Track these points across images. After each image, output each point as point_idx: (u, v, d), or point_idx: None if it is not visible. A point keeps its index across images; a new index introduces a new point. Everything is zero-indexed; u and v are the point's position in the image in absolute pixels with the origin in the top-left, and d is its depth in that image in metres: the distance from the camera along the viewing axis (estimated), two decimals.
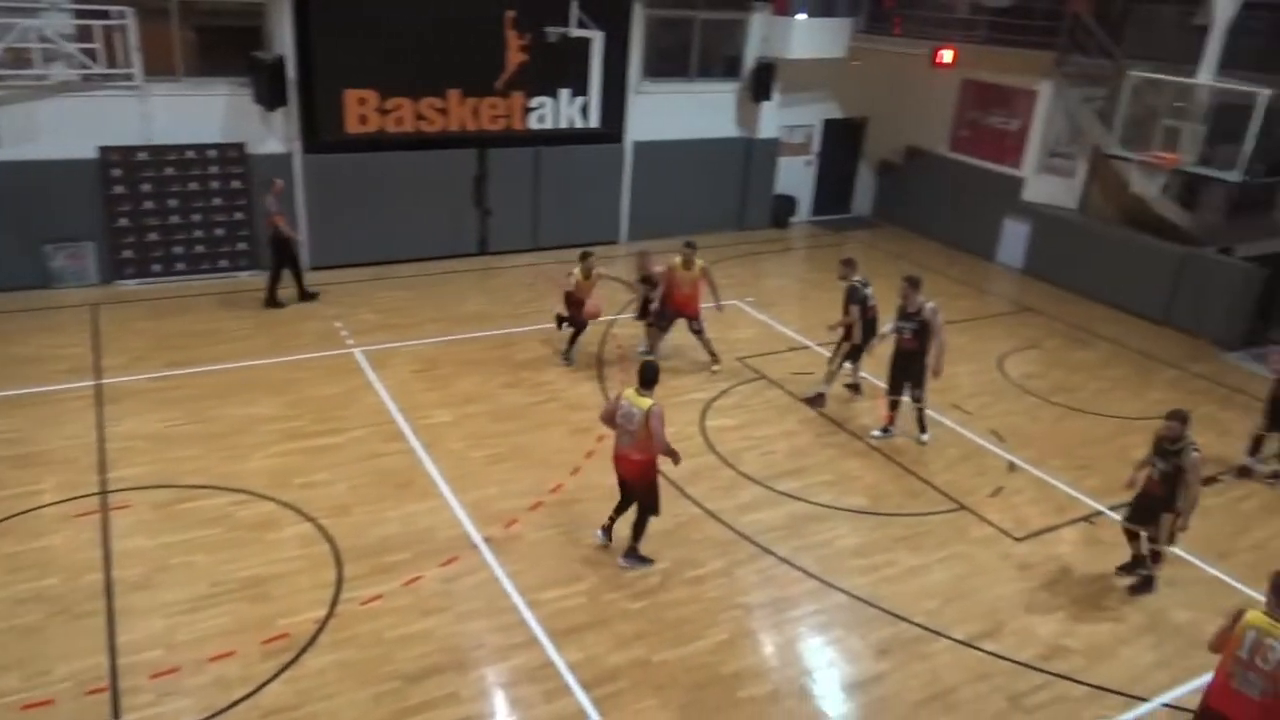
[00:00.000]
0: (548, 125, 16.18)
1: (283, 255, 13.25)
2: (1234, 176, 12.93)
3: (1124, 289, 15.36)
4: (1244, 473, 10.42)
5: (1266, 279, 13.87)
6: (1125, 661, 7.44)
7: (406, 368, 11.79)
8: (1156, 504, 8.02)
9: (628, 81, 16.65)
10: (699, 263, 11.77)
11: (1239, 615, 5.69)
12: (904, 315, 10.28)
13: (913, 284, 10.19)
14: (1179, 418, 7.80)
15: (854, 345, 11.12)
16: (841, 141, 19.72)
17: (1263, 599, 8.30)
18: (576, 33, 15.24)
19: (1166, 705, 7.01)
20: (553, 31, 15.12)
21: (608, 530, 8.41)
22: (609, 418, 7.98)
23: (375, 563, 8.01)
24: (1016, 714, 6.84)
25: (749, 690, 6.92)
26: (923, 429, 10.68)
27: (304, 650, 6.96)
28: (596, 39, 15.73)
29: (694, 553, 8.45)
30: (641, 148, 17.15)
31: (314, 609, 7.38)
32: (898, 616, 7.80)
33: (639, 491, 8.12)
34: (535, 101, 15.93)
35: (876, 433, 10.78)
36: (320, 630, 7.17)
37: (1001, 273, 17.25)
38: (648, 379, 7.81)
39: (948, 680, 7.13)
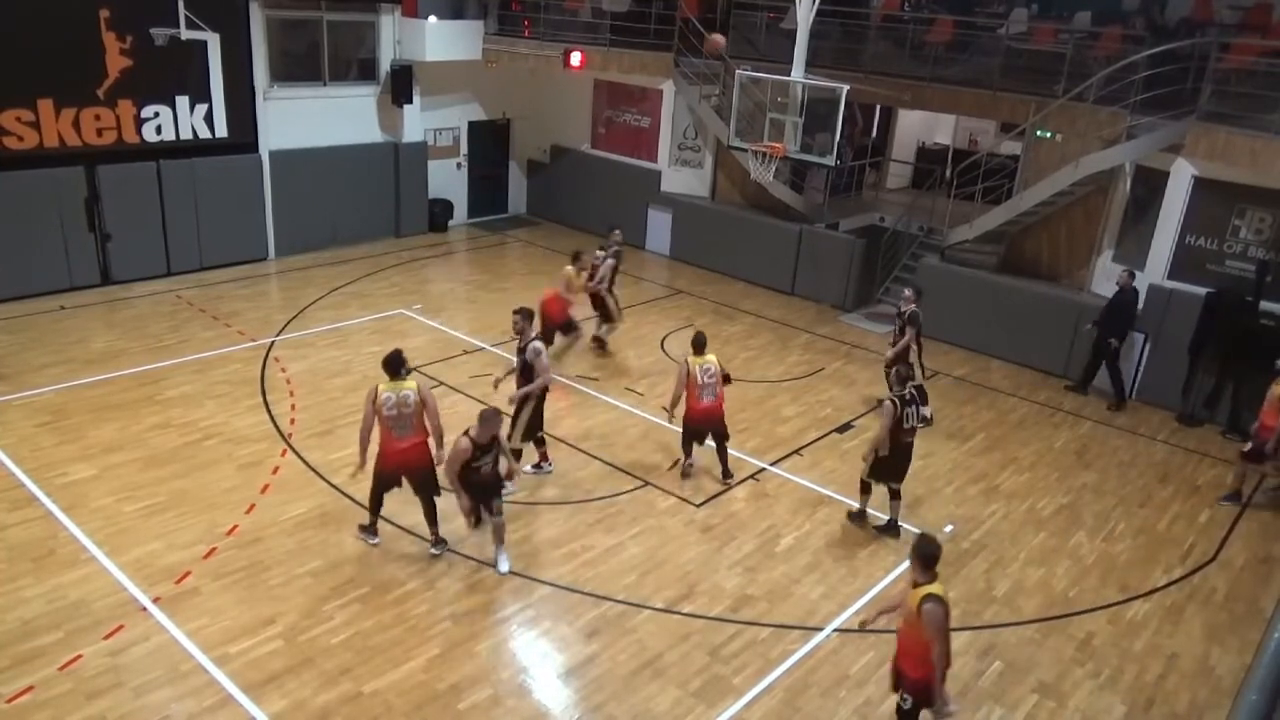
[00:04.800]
0: (167, 136, 14.70)
1: None
2: (829, 161, 14.80)
3: (756, 266, 17.05)
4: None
5: (865, 248, 16.07)
6: (799, 599, 8.32)
7: (27, 422, 10.20)
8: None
9: (255, 87, 15.57)
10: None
11: None
12: None
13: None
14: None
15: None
16: (489, 143, 19.88)
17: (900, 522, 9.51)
18: (187, 34, 13.98)
19: (837, 630, 7.95)
20: (159, 33, 13.74)
21: (372, 529, 8.55)
22: (369, 424, 8.00)
23: (16, 651, 6.90)
24: (717, 664, 7.42)
25: (469, 699, 6.87)
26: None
27: None
28: (212, 41, 14.59)
29: (391, 572, 8.19)
30: (280, 157, 16.12)
31: None
32: (601, 597, 8.12)
33: (423, 477, 8.17)
34: (149, 110, 14.40)
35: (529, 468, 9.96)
36: None
37: (652, 260, 18.39)
38: (395, 367, 7.98)
39: (654, 647, 7.55)
